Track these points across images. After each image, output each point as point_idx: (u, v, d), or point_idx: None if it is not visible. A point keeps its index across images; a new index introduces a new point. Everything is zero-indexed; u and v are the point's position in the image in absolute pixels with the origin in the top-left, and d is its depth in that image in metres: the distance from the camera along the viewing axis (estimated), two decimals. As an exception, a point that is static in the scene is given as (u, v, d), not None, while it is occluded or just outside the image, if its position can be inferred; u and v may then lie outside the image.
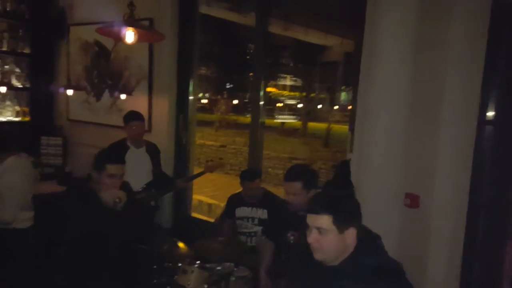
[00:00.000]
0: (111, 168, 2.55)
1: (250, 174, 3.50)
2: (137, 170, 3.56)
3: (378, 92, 2.77)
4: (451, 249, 2.60)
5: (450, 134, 2.55)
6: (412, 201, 2.66)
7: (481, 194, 2.51)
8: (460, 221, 2.57)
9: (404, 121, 2.73)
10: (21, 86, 5.23)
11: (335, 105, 16.77)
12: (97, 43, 5.07)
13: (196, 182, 4.68)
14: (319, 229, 1.73)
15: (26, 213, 3.20)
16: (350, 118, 3.25)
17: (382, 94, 2.76)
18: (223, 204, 4.95)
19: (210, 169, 4.18)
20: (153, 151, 3.90)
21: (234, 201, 3.59)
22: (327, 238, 1.73)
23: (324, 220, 1.73)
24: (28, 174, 3.28)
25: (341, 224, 1.74)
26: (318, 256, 1.77)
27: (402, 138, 2.73)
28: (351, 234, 1.77)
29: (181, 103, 4.58)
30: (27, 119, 5.31)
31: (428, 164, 2.61)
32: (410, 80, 2.71)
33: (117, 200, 2.53)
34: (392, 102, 2.75)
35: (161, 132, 4.55)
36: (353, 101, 3.20)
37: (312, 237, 1.75)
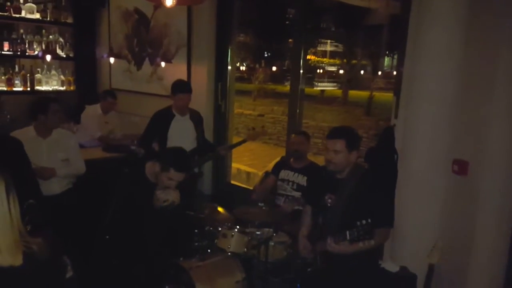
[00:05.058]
0: (174, 175, 2.60)
1: (299, 130, 3.74)
2: (182, 138, 3.61)
3: (428, 55, 2.62)
4: (500, 219, 2.49)
5: (504, 99, 2.39)
6: (461, 167, 2.54)
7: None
8: (510, 190, 2.44)
9: (454, 85, 2.58)
10: (65, 55, 5.37)
11: (378, 72, 16.20)
12: (137, 10, 5.09)
13: (235, 151, 4.71)
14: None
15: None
16: (396, 82, 3.13)
17: (431, 57, 2.61)
18: (261, 173, 4.98)
19: (252, 137, 4.17)
20: (197, 119, 3.92)
21: (282, 163, 3.69)
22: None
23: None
24: None
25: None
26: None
27: (452, 103, 2.59)
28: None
29: (219, 71, 4.56)
30: (72, 88, 5.47)
31: (480, 129, 2.47)
32: (462, 43, 2.54)
33: (164, 202, 2.62)
34: (442, 66, 2.59)
35: (200, 100, 4.56)
36: (399, 65, 3.07)
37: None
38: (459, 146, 2.60)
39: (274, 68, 18.77)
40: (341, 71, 17.93)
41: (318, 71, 18.17)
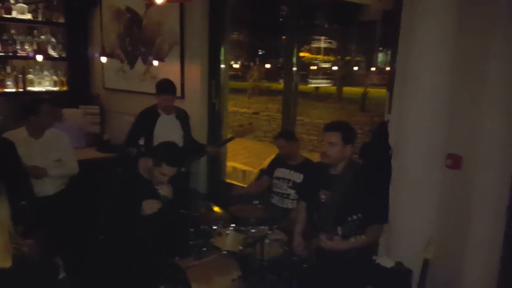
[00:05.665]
0: (167, 169, 2.62)
1: (280, 133, 3.65)
2: (168, 136, 3.57)
3: (420, 50, 2.61)
4: (494, 213, 2.49)
5: (497, 93, 2.39)
6: (454, 162, 2.54)
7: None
8: (505, 184, 2.44)
9: (447, 79, 2.58)
10: (57, 56, 5.33)
11: (372, 68, 16.23)
12: (128, 9, 5.05)
13: (230, 149, 4.70)
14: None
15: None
16: (389, 78, 3.13)
17: (424, 51, 2.60)
18: (256, 171, 4.98)
19: (239, 134, 4.17)
20: (183, 118, 3.91)
21: (277, 162, 3.66)
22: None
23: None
24: None
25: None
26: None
27: (445, 97, 2.59)
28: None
29: (213, 69, 4.53)
30: (65, 88, 5.43)
31: (473, 123, 2.47)
32: (455, 36, 2.53)
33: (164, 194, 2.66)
34: (435, 60, 2.59)
35: (194, 98, 4.54)
36: (392, 60, 3.07)
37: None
38: (453, 140, 2.60)
39: (268, 66, 18.77)
40: (335, 68, 17.95)
41: (312, 68, 18.19)
